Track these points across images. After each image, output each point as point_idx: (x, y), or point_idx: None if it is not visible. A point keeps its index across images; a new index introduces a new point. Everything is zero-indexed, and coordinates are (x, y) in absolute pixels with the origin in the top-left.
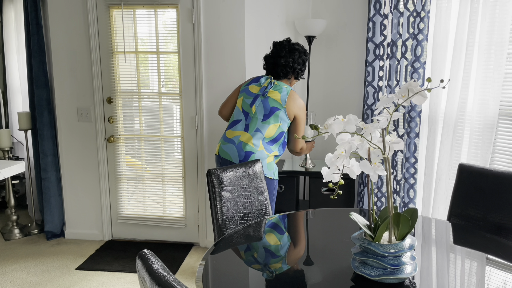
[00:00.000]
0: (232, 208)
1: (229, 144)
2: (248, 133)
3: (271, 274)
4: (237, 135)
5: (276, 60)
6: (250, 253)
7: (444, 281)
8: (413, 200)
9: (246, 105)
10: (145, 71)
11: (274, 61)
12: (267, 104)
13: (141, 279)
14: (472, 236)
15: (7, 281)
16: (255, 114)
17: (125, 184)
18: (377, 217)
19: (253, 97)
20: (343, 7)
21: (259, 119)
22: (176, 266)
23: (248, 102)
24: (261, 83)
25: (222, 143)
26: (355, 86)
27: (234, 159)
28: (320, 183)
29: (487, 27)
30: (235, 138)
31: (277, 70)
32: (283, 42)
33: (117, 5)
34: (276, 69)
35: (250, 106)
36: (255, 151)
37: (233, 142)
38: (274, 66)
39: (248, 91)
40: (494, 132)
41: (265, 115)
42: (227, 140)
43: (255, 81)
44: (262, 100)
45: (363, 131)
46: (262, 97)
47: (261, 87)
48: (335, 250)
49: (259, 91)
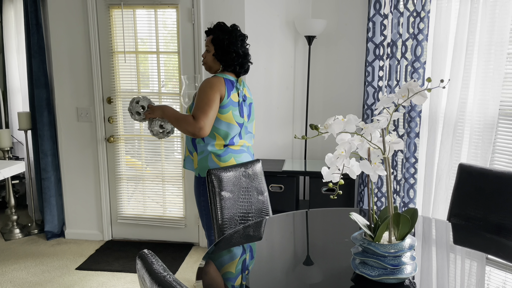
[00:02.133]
0: (232, 208)
1: (244, 154)
2: (246, 139)
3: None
4: (241, 144)
5: (247, 58)
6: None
7: (444, 281)
8: (413, 200)
9: (237, 117)
10: (145, 71)
11: (246, 59)
12: (248, 106)
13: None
14: (472, 236)
15: (7, 281)
16: (246, 120)
17: (125, 184)
18: (377, 217)
19: (239, 107)
20: (343, 7)
21: (248, 121)
22: (176, 266)
23: (237, 114)
24: (237, 87)
25: (236, 156)
26: (355, 86)
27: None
28: (320, 183)
29: (487, 27)
30: (243, 146)
31: (246, 68)
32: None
33: (117, 5)
34: (245, 66)
35: (241, 116)
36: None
37: (243, 150)
38: (245, 64)
39: (233, 103)
40: (494, 132)
41: (249, 115)
42: (239, 151)
43: (230, 87)
44: (244, 105)
45: (363, 131)
46: (243, 102)
47: (238, 91)
48: (335, 250)
49: (239, 97)
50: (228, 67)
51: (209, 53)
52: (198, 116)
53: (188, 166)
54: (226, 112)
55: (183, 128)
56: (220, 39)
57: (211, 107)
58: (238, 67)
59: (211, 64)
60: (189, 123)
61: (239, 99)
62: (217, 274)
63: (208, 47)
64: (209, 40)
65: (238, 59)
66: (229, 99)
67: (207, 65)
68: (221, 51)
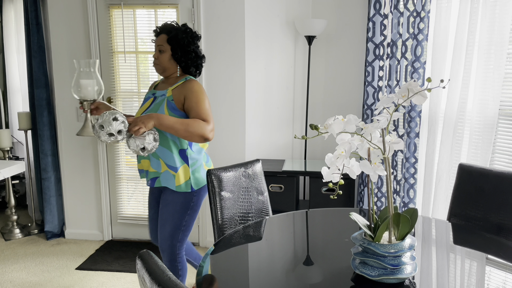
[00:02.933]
0: (232, 208)
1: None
2: None
3: (271, 274)
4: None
5: (203, 59)
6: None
7: (444, 281)
8: (413, 200)
9: None
10: (145, 71)
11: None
12: None
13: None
14: (472, 236)
15: (7, 281)
16: None
17: (125, 184)
18: (377, 217)
19: None
20: (343, 7)
21: None
22: None
23: None
24: None
25: (209, 158)
26: (355, 86)
27: None
28: (320, 183)
29: (487, 27)
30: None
31: (201, 70)
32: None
33: (117, 5)
34: (201, 67)
35: None
36: None
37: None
38: (200, 65)
39: None
40: (494, 132)
41: None
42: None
43: None
44: None
45: (363, 131)
46: None
47: None
48: (335, 250)
49: None
50: (187, 68)
51: (163, 54)
52: (206, 118)
53: (166, 183)
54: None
55: (194, 133)
56: (178, 39)
57: (209, 110)
58: (195, 69)
59: (167, 65)
60: (202, 125)
61: None
62: (217, 274)
63: (163, 47)
64: (164, 40)
65: (197, 60)
66: None
67: (160, 67)
68: (180, 51)
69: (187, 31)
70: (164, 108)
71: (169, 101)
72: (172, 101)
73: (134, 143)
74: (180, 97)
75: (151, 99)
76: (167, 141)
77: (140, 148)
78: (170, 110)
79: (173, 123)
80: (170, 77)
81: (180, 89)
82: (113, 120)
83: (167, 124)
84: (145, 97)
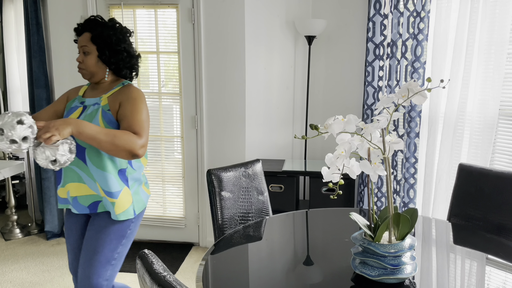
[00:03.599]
0: (232, 208)
1: None
2: None
3: (271, 274)
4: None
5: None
6: (250, 253)
7: (444, 281)
8: (413, 200)
9: None
10: (145, 71)
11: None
12: None
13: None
14: (472, 236)
15: (7, 281)
16: None
17: None
18: (377, 217)
19: None
20: (343, 7)
21: None
22: (176, 266)
23: None
24: None
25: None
26: (355, 86)
27: None
28: (320, 183)
29: (487, 27)
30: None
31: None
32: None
33: (117, 5)
34: (136, 69)
35: None
36: None
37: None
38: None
39: None
40: (494, 132)
41: None
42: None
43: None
44: None
45: (363, 131)
46: None
47: None
48: (335, 250)
49: None
50: (119, 70)
51: (89, 56)
52: (139, 131)
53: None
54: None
55: (120, 147)
56: (105, 36)
57: (146, 121)
58: (129, 71)
59: (94, 69)
60: (132, 139)
61: None
62: (217, 274)
63: (87, 48)
64: (87, 39)
65: (130, 60)
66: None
67: (88, 71)
68: (108, 51)
69: (115, 27)
70: (98, 120)
71: (104, 111)
72: (109, 111)
73: (43, 153)
74: (116, 106)
75: (79, 108)
76: (101, 159)
77: (51, 161)
78: (106, 123)
79: (96, 133)
80: (101, 82)
81: (117, 96)
82: (17, 123)
83: (89, 133)
84: (71, 106)
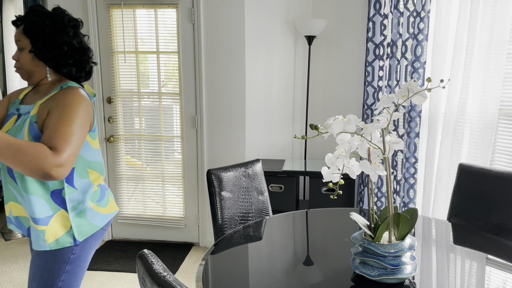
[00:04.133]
0: (232, 208)
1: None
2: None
3: (271, 274)
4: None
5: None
6: (250, 253)
7: (444, 281)
8: (413, 200)
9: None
10: (145, 71)
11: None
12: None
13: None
14: (472, 236)
15: (7, 281)
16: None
17: (125, 184)
18: (377, 217)
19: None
20: (343, 7)
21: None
22: (176, 266)
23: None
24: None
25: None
26: (355, 86)
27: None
28: (320, 183)
29: (487, 27)
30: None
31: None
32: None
33: (117, 5)
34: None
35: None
36: None
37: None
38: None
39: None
40: (494, 132)
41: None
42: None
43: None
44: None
45: (363, 131)
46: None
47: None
48: (335, 250)
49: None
50: (60, 68)
51: (24, 51)
52: (58, 146)
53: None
54: (97, 135)
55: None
56: (38, 27)
57: (77, 135)
58: (75, 68)
59: (31, 67)
60: (44, 155)
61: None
62: (217, 274)
63: (21, 42)
64: (20, 32)
65: (74, 55)
66: (94, 117)
67: (23, 71)
68: (42, 45)
69: (53, 16)
70: (24, 134)
71: (32, 123)
72: (36, 123)
73: None
74: (44, 116)
75: (14, 117)
76: (24, 178)
77: None
78: (33, 139)
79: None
80: (41, 84)
81: (48, 103)
82: None
83: None
84: (8, 113)
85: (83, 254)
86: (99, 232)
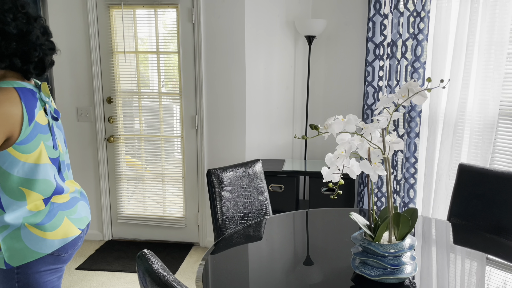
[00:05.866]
0: (232, 208)
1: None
2: (70, 178)
3: (271, 274)
4: (71, 190)
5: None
6: (250, 253)
7: (444, 281)
8: (413, 200)
9: (51, 150)
10: (145, 71)
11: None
12: (60, 127)
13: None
14: (472, 236)
15: None
16: (63, 151)
17: (125, 184)
18: (377, 217)
19: (50, 132)
20: (343, 7)
21: (66, 151)
22: (176, 266)
23: (50, 145)
24: (42, 100)
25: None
26: (355, 86)
27: (89, 216)
28: (320, 183)
29: (487, 27)
30: (75, 192)
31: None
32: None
33: (117, 5)
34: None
35: (54, 147)
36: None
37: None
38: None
39: (42, 129)
40: (494, 132)
41: (64, 141)
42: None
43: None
44: (56, 127)
45: (363, 131)
46: (55, 123)
47: (45, 107)
48: (335, 250)
49: (47, 117)
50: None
51: None
52: None
53: None
54: (35, 148)
55: None
56: None
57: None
58: (21, 61)
59: None
60: None
61: (48, 120)
62: (217, 274)
63: None
64: None
65: (19, 45)
66: (33, 125)
67: None
68: None
69: None
70: None
71: None
72: None
73: None
74: None
75: None
76: None
77: None
78: None
79: None
80: None
81: None
82: None
83: None
84: None
85: (33, 281)
86: (48, 258)
